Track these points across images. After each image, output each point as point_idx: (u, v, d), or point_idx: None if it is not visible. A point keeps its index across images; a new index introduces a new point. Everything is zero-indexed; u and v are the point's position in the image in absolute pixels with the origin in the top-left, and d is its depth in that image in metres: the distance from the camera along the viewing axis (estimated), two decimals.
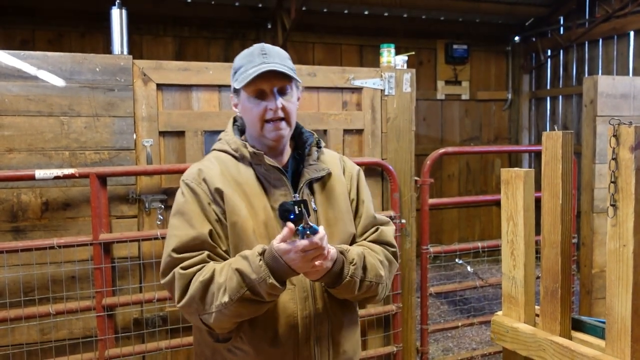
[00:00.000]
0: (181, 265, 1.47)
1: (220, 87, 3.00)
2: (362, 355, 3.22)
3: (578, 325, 1.53)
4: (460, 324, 3.75)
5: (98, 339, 2.70)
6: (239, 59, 1.58)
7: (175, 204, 1.57)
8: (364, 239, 1.68)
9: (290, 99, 1.56)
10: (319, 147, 1.69)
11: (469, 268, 3.96)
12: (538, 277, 1.61)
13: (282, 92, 1.55)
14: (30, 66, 2.62)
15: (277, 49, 1.59)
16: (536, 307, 1.61)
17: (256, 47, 1.56)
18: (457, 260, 3.78)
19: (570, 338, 1.48)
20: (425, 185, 3.50)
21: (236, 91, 1.60)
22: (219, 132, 3.00)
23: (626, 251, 1.28)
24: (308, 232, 1.36)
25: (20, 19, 5.19)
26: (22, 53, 2.61)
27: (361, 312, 3.16)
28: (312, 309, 1.55)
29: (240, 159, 1.59)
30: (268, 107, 1.52)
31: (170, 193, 2.91)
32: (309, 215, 1.45)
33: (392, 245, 1.70)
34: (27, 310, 2.60)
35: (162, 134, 2.90)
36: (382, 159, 3.28)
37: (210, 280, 1.43)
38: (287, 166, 1.64)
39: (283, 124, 1.55)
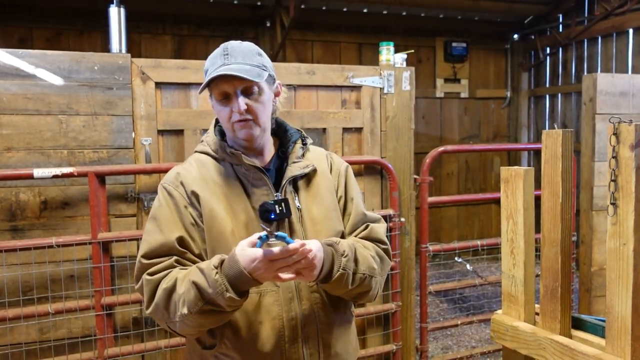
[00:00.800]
0: (148, 271, 1.45)
1: None
2: (361, 354, 3.22)
3: (578, 324, 1.53)
4: (459, 322, 3.75)
5: (97, 338, 2.70)
6: (207, 61, 1.54)
7: (152, 208, 1.55)
8: (354, 236, 1.64)
9: (258, 98, 1.51)
10: (304, 144, 1.65)
11: (468, 266, 3.96)
12: (538, 276, 1.61)
13: (248, 92, 1.50)
14: (28, 65, 2.61)
15: (245, 45, 1.55)
16: (536, 305, 1.61)
17: (220, 48, 1.52)
18: (456, 258, 3.77)
19: (570, 337, 1.48)
20: (425, 183, 3.50)
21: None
22: None
23: (626, 249, 1.28)
24: (273, 239, 1.30)
25: (18, 17, 5.17)
26: (20, 51, 2.61)
27: (360, 310, 3.16)
28: (298, 311, 1.51)
29: (220, 160, 1.58)
30: (233, 110, 1.50)
31: None
32: (290, 214, 1.44)
33: (383, 243, 1.65)
34: (26, 309, 2.60)
35: (161, 132, 2.89)
36: (382, 158, 3.27)
37: (172, 289, 1.40)
38: (270, 165, 1.61)
39: (251, 123, 1.51)
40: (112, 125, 2.75)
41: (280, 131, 1.67)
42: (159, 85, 2.86)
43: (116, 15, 3.02)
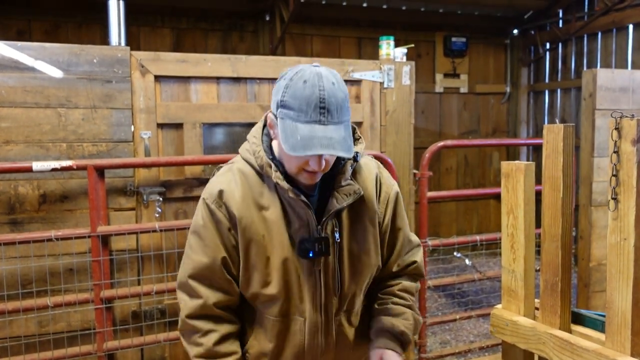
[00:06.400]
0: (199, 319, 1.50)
1: (219, 79, 2.99)
2: None
3: (578, 319, 1.53)
4: (458, 317, 3.75)
5: (96, 331, 2.70)
6: (292, 93, 1.33)
7: (195, 220, 1.51)
8: (399, 267, 1.66)
9: None
10: (355, 160, 1.50)
11: (467, 261, 3.96)
12: (538, 271, 1.61)
13: None
14: (27, 57, 2.60)
15: (338, 89, 1.34)
16: (536, 300, 1.61)
17: (314, 91, 1.31)
18: (455, 253, 3.78)
19: (570, 331, 1.48)
20: (424, 178, 3.50)
21: (274, 106, 1.41)
22: (217, 124, 3.02)
23: (627, 244, 1.28)
24: None
25: (16, 9, 5.14)
26: (19, 44, 2.59)
27: None
28: (320, 342, 1.55)
29: (265, 177, 1.48)
30: (310, 163, 1.36)
31: (169, 185, 2.91)
32: (328, 254, 1.45)
33: (422, 275, 1.72)
34: (25, 302, 2.60)
35: (160, 126, 2.89)
36: (381, 152, 3.27)
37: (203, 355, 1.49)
38: (315, 190, 1.49)
39: (319, 173, 1.42)
40: (111, 118, 2.74)
41: None
42: (158, 78, 2.85)
43: (115, 8, 3.01)
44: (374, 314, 1.65)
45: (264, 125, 1.53)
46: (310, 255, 1.39)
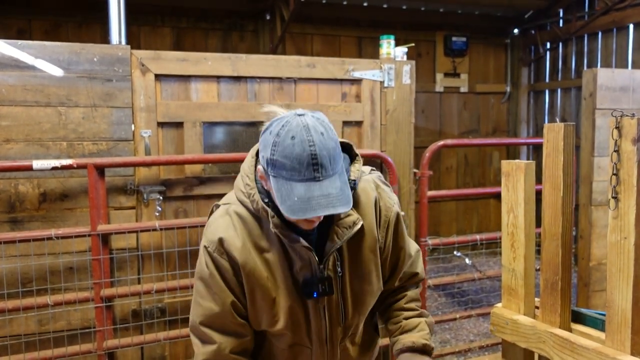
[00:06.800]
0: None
1: (219, 78, 2.99)
2: None
3: (578, 318, 1.53)
4: (458, 316, 3.76)
5: (96, 330, 2.70)
6: (282, 151, 1.26)
7: (199, 267, 1.50)
8: (401, 281, 1.69)
9: None
10: (353, 187, 1.43)
11: (467, 260, 3.96)
12: (538, 270, 1.61)
13: None
14: (27, 56, 2.60)
15: (327, 137, 1.28)
16: (536, 299, 1.61)
17: (305, 149, 1.25)
18: (455, 252, 3.78)
19: (570, 330, 1.48)
20: (424, 177, 3.50)
21: (264, 161, 1.33)
22: (217, 123, 3.02)
23: (627, 243, 1.28)
24: None
25: (17, 9, 5.14)
26: (19, 42, 2.59)
27: None
28: None
29: (263, 220, 1.44)
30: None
31: (169, 184, 2.91)
32: (332, 293, 1.47)
33: (422, 280, 1.75)
34: (25, 301, 2.60)
35: (161, 124, 2.89)
36: (381, 151, 3.27)
37: None
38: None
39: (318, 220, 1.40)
40: (111, 117, 2.74)
41: None
42: (158, 77, 2.85)
43: (116, 7, 3.01)
44: (389, 332, 1.69)
45: (256, 163, 1.46)
46: (315, 295, 1.43)
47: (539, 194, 1.55)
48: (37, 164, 2.53)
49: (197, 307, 1.51)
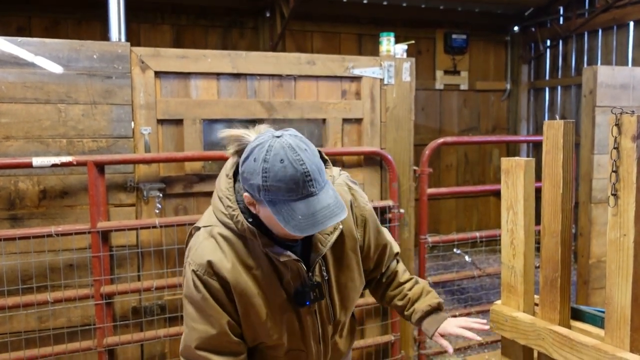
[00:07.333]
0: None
1: (219, 75, 2.99)
2: (360, 344, 3.24)
3: (577, 315, 1.53)
4: (457, 314, 3.76)
5: (96, 327, 2.70)
6: (274, 176, 1.27)
7: (188, 290, 1.48)
8: (386, 266, 1.80)
9: None
10: None
11: (466, 258, 3.97)
12: (537, 267, 1.61)
13: None
14: (27, 53, 2.60)
15: (310, 154, 1.32)
16: (535, 296, 1.61)
17: (297, 169, 1.27)
18: (455, 250, 3.78)
19: (569, 327, 1.49)
20: (424, 175, 3.50)
21: (252, 188, 1.34)
22: (217, 120, 3.01)
23: (626, 240, 1.28)
24: None
25: (16, 6, 5.13)
26: (19, 39, 2.59)
27: (359, 301, 3.17)
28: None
29: (247, 239, 1.46)
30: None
31: (169, 181, 2.91)
32: (323, 298, 1.52)
33: (398, 253, 1.85)
34: (25, 298, 2.60)
35: (160, 122, 2.88)
36: (381, 149, 3.27)
37: None
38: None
39: None
40: (111, 114, 2.74)
41: None
42: (158, 74, 2.85)
43: (115, 4, 3.00)
44: (400, 308, 1.80)
45: (234, 182, 1.46)
46: (307, 303, 1.48)
47: (538, 191, 1.56)
48: (37, 161, 2.53)
49: (192, 331, 1.49)
